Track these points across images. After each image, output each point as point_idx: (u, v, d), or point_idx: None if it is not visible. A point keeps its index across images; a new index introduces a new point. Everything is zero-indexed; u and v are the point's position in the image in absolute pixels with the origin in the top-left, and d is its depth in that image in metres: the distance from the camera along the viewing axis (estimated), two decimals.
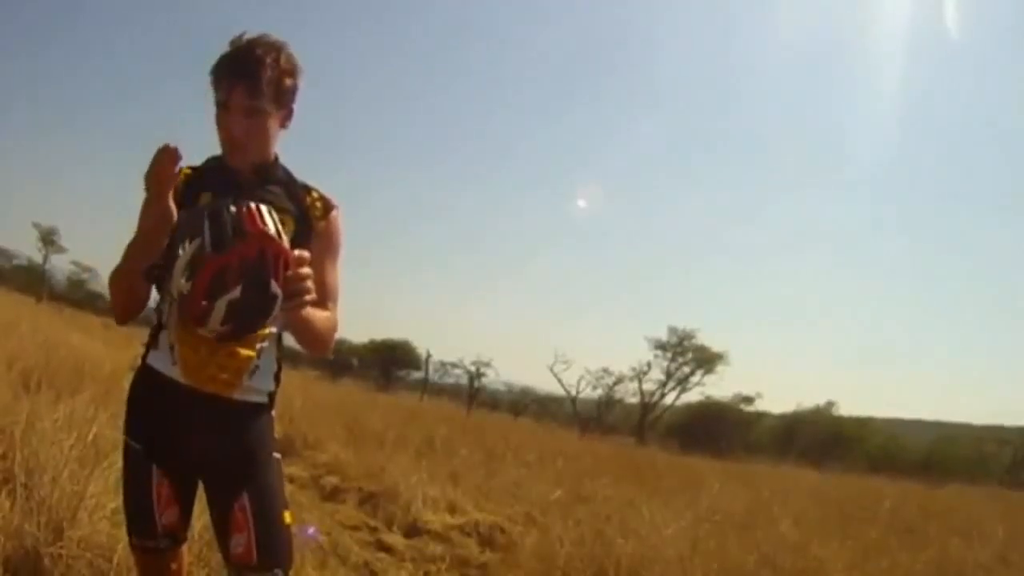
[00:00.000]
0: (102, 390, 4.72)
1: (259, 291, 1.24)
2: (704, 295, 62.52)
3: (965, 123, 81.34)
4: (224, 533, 1.51)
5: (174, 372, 1.47)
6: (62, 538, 2.28)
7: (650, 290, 63.11)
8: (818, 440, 28.46)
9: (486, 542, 4.39)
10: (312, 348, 1.53)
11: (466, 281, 65.62)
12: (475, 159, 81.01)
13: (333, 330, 1.56)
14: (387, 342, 36.59)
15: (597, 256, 67.31)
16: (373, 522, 4.49)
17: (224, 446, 1.50)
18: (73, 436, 2.82)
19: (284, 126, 1.54)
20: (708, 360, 32.35)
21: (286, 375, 1.65)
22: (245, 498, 1.48)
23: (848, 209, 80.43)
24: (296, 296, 1.29)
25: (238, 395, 1.50)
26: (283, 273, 1.26)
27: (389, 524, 4.45)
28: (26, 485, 2.47)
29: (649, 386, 32.89)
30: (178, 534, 1.53)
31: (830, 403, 32.36)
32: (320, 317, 1.49)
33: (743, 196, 77.73)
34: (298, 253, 1.29)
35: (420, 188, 77.56)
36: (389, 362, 36.51)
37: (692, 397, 32.86)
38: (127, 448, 1.53)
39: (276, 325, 1.50)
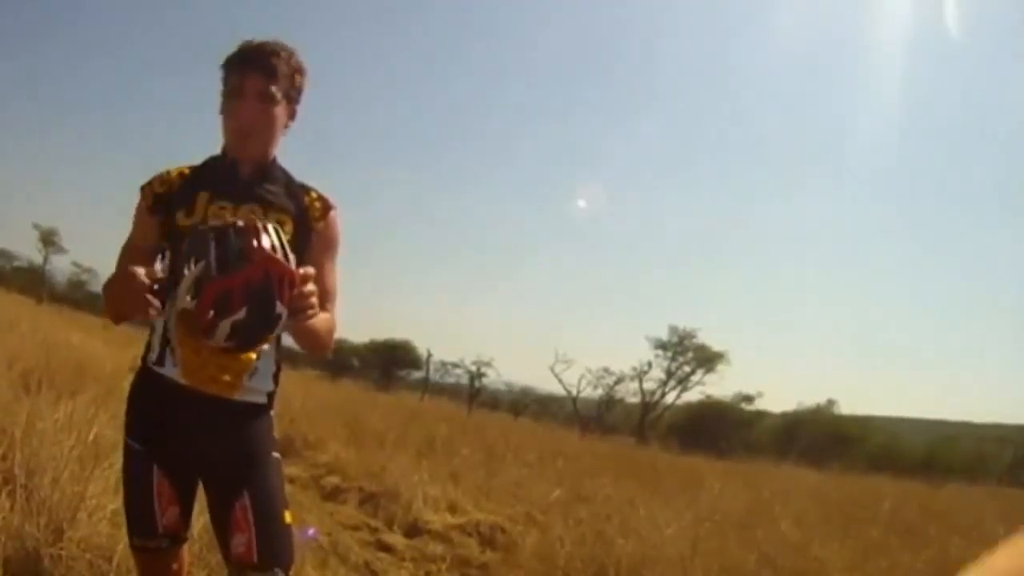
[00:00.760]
0: (102, 390, 4.71)
1: (264, 312, 1.24)
2: (704, 294, 62.40)
3: (965, 123, 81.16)
4: (224, 533, 1.51)
5: (174, 373, 1.47)
6: (62, 539, 2.28)
7: (650, 290, 62.95)
8: (819, 439, 28.40)
9: (487, 542, 4.38)
10: (312, 349, 1.53)
11: (466, 281, 65.55)
12: (475, 159, 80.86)
13: (332, 331, 1.56)
14: (388, 342, 36.55)
15: (597, 256, 67.14)
16: (374, 522, 4.49)
17: (224, 446, 1.51)
18: (73, 437, 2.82)
19: (288, 124, 1.56)
20: (709, 359, 32.29)
21: (286, 375, 1.66)
22: (246, 498, 1.49)
23: (848, 209, 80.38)
24: (301, 312, 1.30)
25: (238, 396, 1.51)
26: (288, 293, 1.25)
27: (390, 524, 4.45)
28: (26, 486, 2.47)
29: (650, 385, 32.83)
30: (178, 534, 1.53)
31: (831, 402, 32.28)
32: (320, 319, 1.49)
33: (743, 196, 77.61)
34: (303, 271, 1.29)
35: (420, 188, 77.40)
36: (389, 362, 36.46)
37: (693, 396, 32.83)
38: (127, 448, 1.53)
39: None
